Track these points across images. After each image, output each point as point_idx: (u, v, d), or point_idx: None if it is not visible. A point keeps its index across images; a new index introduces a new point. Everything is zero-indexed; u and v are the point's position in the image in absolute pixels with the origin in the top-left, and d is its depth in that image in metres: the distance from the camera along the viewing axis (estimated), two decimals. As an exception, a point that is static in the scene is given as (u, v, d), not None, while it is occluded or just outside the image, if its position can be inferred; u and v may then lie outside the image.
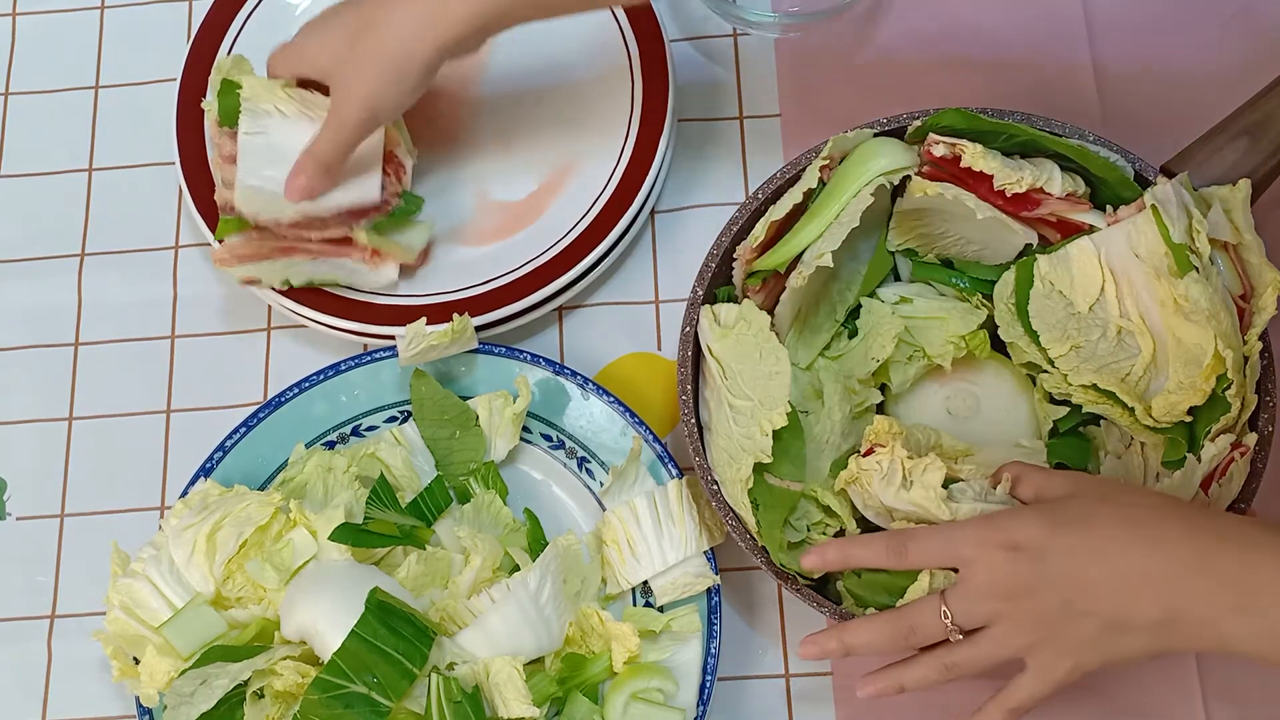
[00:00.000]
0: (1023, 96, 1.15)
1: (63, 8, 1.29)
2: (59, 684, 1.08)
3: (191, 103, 1.18)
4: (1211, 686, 1.01)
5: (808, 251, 1.01)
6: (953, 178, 1.00)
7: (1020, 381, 1.05)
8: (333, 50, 1.04)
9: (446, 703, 0.92)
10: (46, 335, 1.18)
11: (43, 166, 1.24)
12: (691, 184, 1.18)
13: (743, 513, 0.97)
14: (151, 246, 1.20)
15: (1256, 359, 0.96)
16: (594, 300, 1.15)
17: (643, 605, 1.03)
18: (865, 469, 0.94)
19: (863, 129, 1.03)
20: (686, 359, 1.01)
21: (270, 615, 0.99)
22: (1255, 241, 0.97)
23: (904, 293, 1.06)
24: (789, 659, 1.04)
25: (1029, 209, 1.00)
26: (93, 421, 1.15)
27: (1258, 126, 1.01)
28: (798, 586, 0.97)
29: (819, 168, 1.01)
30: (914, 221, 1.05)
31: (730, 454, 0.97)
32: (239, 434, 1.07)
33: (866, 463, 0.94)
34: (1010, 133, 1.00)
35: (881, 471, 0.93)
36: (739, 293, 1.04)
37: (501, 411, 1.06)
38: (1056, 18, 1.20)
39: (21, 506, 1.13)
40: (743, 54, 1.22)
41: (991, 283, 1.04)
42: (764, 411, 0.96)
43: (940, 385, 1.06)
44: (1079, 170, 1.01)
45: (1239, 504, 0.95)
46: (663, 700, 0.99)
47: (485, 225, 1.16)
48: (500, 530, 1.04)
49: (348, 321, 1.10)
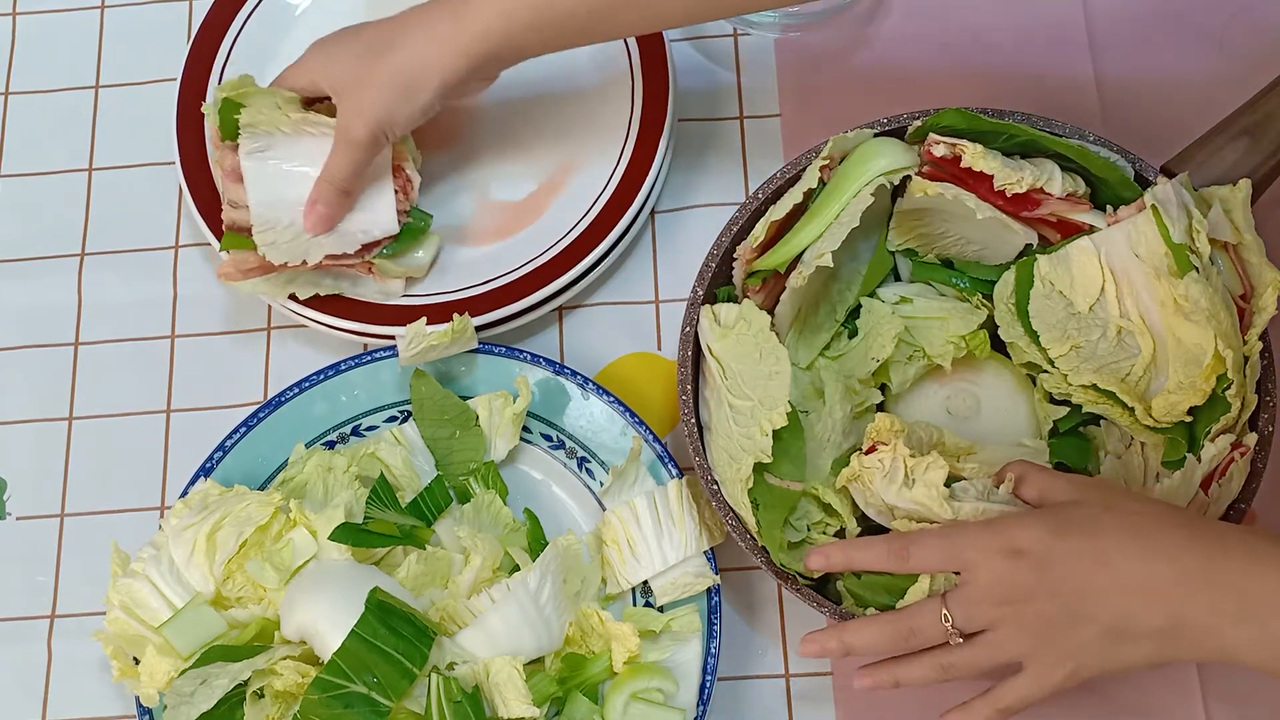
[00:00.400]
0: (1022, 96, 1.15)
1: (63, 8, 1.29)
2: (59, 684, 1.08)
3: (191, 103, 1.18)
4: (1211, 687, 1.01)
5: (808, 251, 1.01)
6: (953, 178, 1.00)
7: (1020, 381, 1.05)
8: (346, 66, 1.05)
9: (446, 702, 0.92)
10: (46, 335, 1.18)
11: (43, 166, 1.24)
12: (691, 184, 1.18)
13: (743, 513, 0.97)
14: (151, 246, 1.20)
15: (1256, 359, 0.96)
16: (594, 300, 1.15)
17: (643, 605, 1.03)
18: (867, 467, 0.94)
19: (863, 129, 1.03)
20: (686, 359, 1.01)
21: (270, 615, 0.99)
22: (1255, 241, 0.97)
23: (904, 293, 1.06)
24: (789, 659, 1.04)
25: (1029, 209, 1.00)
26: (92, 421, 1.15)
27: (1258, 126, 1.01)
28: (798, 586, 0.97)
29: (819, 168, 1.01)
30: (914, 221, 1.05)
31: (730, 454, 0.97)
32: (239, 434, 1.07)
33: (869, 460, 0.94)
34: (1010, 133, 1.00)
35: (884, 469, 0.93)
36: (739, 293, 1.04)
37: (501, 411, 1.06)
38: (1056, 18, 1.20)
39: (21, 506, 1.13)
40: (743, 54, 1.22)
41: (991, 283, 1.04)
42: (764, 411, 0.96)
43: (940, 385, 1.06)
44: (1079, 170, 1.01)
45: (1239, 504, 0.95)
46: (663, 700, 0.99)
47: (485, 225, 1.16)
48: (500, 530, 1.04)
49: (348, 321, 1.10)
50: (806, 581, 0.98)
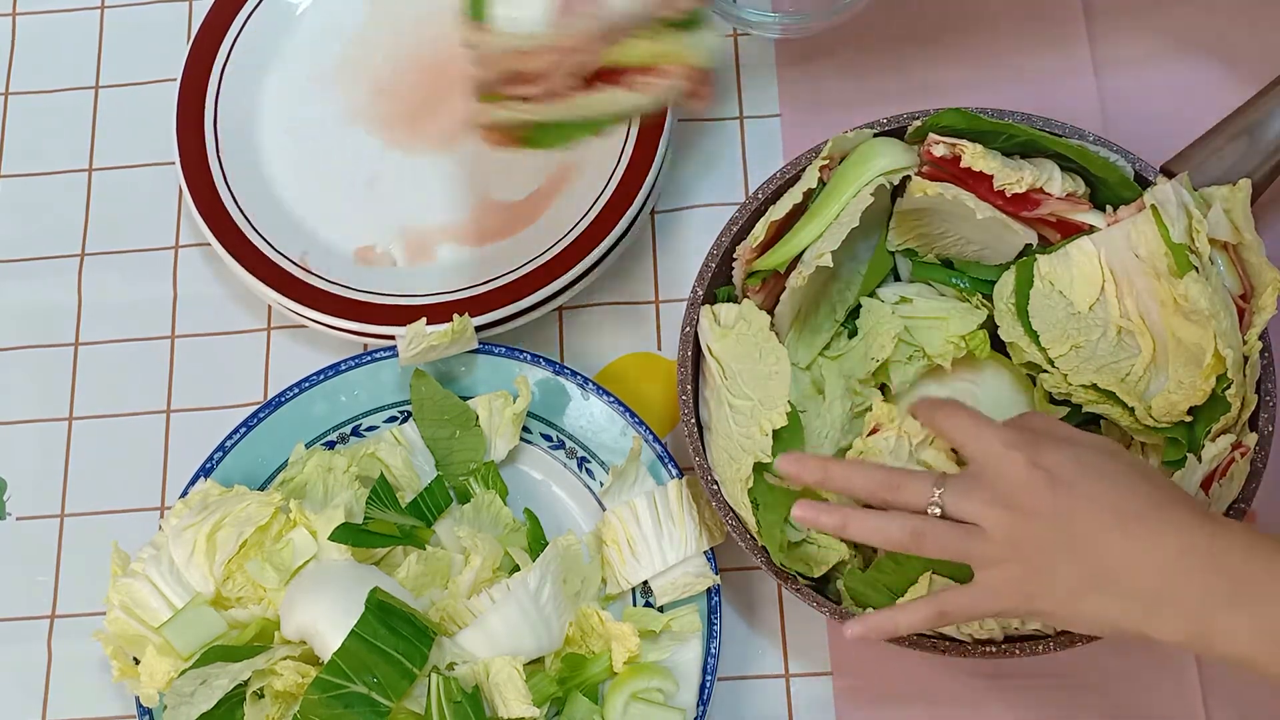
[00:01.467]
0: (1023, 96, 1.15)
1: (63, 8, 1.29)
2: (59, 684, 1.08)
3: (192, 103, 1.18)
4: (1211, 688, 1.01)
5: (808, 251, 1.01)
6: (953, 178, 1.00)
7: (1020, 381, 1.05)
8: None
9: (446, 703, 0.92)
10: (46, 335, 1.18)
11: (43, 166, 1.24)
12: (691, 184, 1.18)
13: (743, 513, 0.97)
14: (151, 246, 1.20)
15: (1256, 359, 0.96)
16: (594, 300, 1.15)
17: (643, 605, 1.03)
18: (871, 447, 0.94)
19: (862, 129, 1.03)
20: (686, 359, 1.01)
21: (270, 615, 0.99)
22: (1255, 241, 0.97)
23: (904, 293, 1.06)
24: (789, 659, 1.04)
25: (1029, 209, 1.00)
26: (93, 421, 1.15)
27: (1258, 126, 1.01)
28: (798, 586, 0.97)
29: (819, 168, 1.01)
30: (914, 221, 1.05)
31: (730, 454, 0.97)
32: (239, 434, 1.07)
33: (872, 441, 0.94)
34: (1010, 133, 1.00)
35: (889, 447, 0.94)
36: (739, 293, 1.04)
37: (501, 411, 1.07)
38: (1057, 18, 1.20)
39: (21, 506, 1.13)
40: (743, 54, 1.22)
41: (991, 283, 1.04)
42: (764, 411, 0.96)
43: (940, 385, 1.06)
44: (1079, 170, 1.01)
45: (1239, 504, 0.95)
46: (663, 700, 0.99)
47: (486, 225, 1.16)
48: (500, 530, 1.04)
49: (348, 321, 1.10)
50: (807, 581, 0.98)
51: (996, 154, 1.00)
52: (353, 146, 1.20)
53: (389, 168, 1.19)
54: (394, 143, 1.19)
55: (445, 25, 1.22)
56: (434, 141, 1.19)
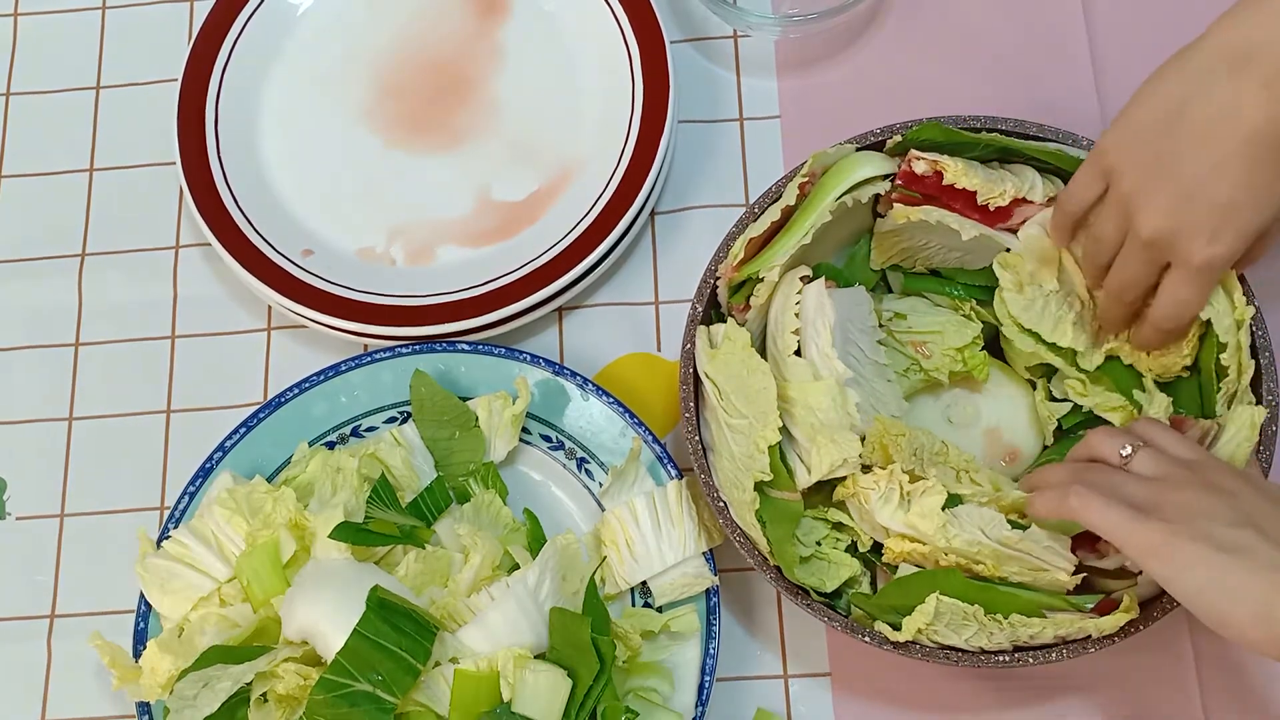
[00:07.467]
0: (1022, 98, 1.16)
1: (64, 8, 1.29)
2: (59, 684, 1.08)
3: (192, 103, 1.18)
4: (1211, 688, 1.01)
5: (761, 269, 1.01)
6: (934, 193, 1.00)
7: (1020, 384, 1.05)
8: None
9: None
10: (47, 335, 1.18)
11: (43, 166, 1.24)
12: (691, 185, 1.18)
13: (753, 534, 0.96)
14: (151, 246, 1.20)
15: (1248, 325, 0.96)
16: (594, 300, 1.16)
17: (641, 605, 1.03)
18: (863, 486, 0.94)
19: (844, 144, 1.03)
20: (688, 376, 1.01)
21: (271, 615, 0.99)
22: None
23: (897, 308, 1.06)
24: (787, 660, 1.05)
25: (1009, 220, 1.00)
26: (93, 421, 1.15)
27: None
28: (808, 602, 0.96)
29: (799, 184, 1.01)
30: (894, 239, 1.04)
31: (735, 476, 0.96)
32: (239, 434, 1.07)
33: (865, 480, 0.94)
34: (986, 141, 1.01)
35: (879, 491, 0.93)
36: (725, 310, 1.03)
37: (501, 412, 1.07)
38: (1056, 19, 1.20)
39: (21, 506, 1.13)
40: (743, 54, 1.22)
41: (981, 286, 1.04)
42: (759, 429, 0.96)
43: (939, 396, 1.06)
44: (1055, 172, 1.01)
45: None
46: (661, 701, 0.99)
47: (486, 225, 1.16)
48: (500, 530, 1.04)
49: (348, 321, 1.11)
50: (819, 598, 0.97)
51: (977, 166, 1.00)
52: (353, 147, 1.20)
53: (389, 168, 1.19)
54: (394, 143, 1.20)
55: (445, 25, 1.22)
56: (434, 142, 1.19)
